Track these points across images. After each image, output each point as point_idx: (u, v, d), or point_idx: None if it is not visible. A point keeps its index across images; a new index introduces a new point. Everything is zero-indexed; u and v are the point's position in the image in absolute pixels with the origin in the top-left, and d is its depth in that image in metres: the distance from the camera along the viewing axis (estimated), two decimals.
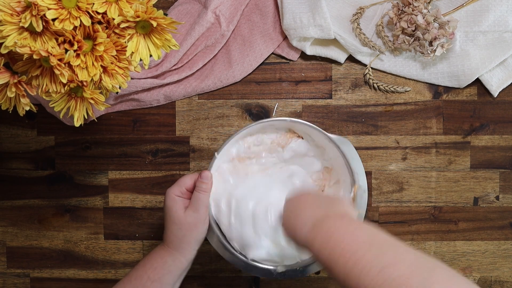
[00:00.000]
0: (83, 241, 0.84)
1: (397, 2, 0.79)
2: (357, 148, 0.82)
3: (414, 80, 0.82)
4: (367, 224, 0.53)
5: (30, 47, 0.52)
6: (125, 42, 0.57)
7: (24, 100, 0.56)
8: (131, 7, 0.55)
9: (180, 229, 0.68)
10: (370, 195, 0.83)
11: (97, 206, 0.84)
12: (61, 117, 0.61)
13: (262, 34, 0.81)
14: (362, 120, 0.83)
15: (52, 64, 0.52)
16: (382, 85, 0.81)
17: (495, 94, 0.81)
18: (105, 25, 0.56)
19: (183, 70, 0.81)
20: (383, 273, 0.45)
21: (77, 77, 0.55)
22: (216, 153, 0.72)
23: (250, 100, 0.83)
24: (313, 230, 0.55)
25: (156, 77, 0.81)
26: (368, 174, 0.83)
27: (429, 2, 0.78)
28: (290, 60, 0.82)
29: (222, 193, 0.74)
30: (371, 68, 0.81)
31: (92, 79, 0.56)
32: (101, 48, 0.55)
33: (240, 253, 0.73)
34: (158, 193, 0.84)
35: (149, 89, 0.81)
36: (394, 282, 0.44)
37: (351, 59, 0.82)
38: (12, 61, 0.55)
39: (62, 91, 0.55)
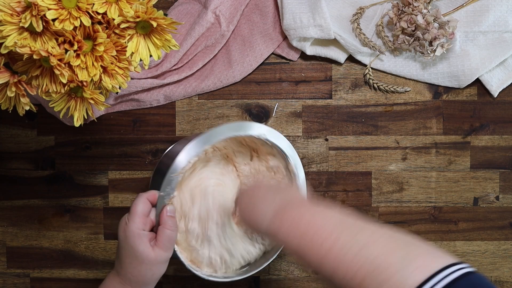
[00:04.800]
0: (83, 241, 0.84)
1: (397, 2, 0.79)
2: (357, 148, 0.83)
3: (414, 80, 0.82)
4: (328, 207, 0.52)
5: (30, 47, 0.52)
6: (125, 42, 0.57)
7: (24, 100, 0.56)
8: (131, 7, 0.55)
9: (150, 269, 0.62)
10: (370, 195, 0.83)
11: (97, 206, 0.84)
12: (61, 117, 0.61)
13: (262, 34, 0.81)
14: (362, 120, 0.83)
15: (52, 64, 0.53)
16: (382, 85, 0.81)
17: (495, 94, 0.81)
18: (105, 25, 0.56)
19: (183, 70, 0.81)
20: (362, 253, 0.44)
21: (77, 77, 0.55)
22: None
23: (250, 100, 0.83)
24: (275, 220, 0.54)
25: (156, 77, 0.81)
26: (368, 174, 0.83)
27: (429, 2, 0.78)
28: (290, 60, 0.82)
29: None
30: (371, 68, 0.81)
31: (92, 79, 0.56)
32: (101, 48, 0.55)
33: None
34: None
35: (149, 89, 0.81)
36: (374, 261, 0.43)
37: (351, 59, 0.82)
38: (12, 61, 0.55)
39: (62, 91, 0.55)
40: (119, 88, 0.59)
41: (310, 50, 0.80)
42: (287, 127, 0.83)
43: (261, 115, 0.82)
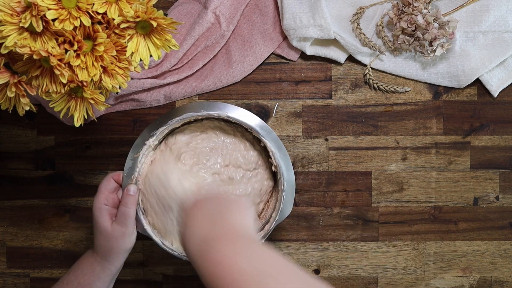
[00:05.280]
0: (83, 241, 0.84)
1: (397, 2, 0.79)
2: (357, 148, 0.83)
3: (414, 80, 0.82)
4: (256, 245, 0.51)
5: (30, 47, 0.52)
6: (125, 42, 0.57)
7: (24, 100, 0.56)
8: (131, 7, 0.55)
9: (107, 241, 0.70)
10: (370, 195, 0.83)
11: None
12: (61, 117, 0.61)
13: (262, 34, 0.81)
14: (362, 120, 0.83)
15: (52, 64, 0.53)
16: (382, 85, 0.81)
17: (495, 94, 0.81)
18: (105, 25, 0.56)
19: (183, 70, 0.81)
20: None
21: (77, 77, 0.55)
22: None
23: (250, 100, 0.83)
24: (199, 252, 0.53)
25: (156, 77, 0.81)
26: (368, 174, 0.83)
27: (429, 2, 0.78)
28: (290, 60, 0.82)
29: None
30: (371, 68, 0.81)
31: (92, 79, 0.56)
32: (101, 48, 0.55)
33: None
34: None
35: (149, 89, 0.81)
36: None
37: (351, 59, 0.82)
38: (12, 61, 0.55)
39: (62, 91, 0.55)
40: (119, 88, 0.59)
41: (310, 50, 0.80)
42: (287, 127, 0.83)
43: (261, 115, 0.82)
